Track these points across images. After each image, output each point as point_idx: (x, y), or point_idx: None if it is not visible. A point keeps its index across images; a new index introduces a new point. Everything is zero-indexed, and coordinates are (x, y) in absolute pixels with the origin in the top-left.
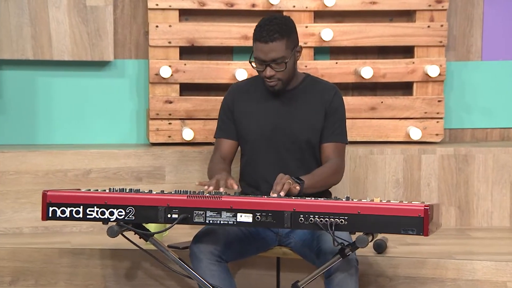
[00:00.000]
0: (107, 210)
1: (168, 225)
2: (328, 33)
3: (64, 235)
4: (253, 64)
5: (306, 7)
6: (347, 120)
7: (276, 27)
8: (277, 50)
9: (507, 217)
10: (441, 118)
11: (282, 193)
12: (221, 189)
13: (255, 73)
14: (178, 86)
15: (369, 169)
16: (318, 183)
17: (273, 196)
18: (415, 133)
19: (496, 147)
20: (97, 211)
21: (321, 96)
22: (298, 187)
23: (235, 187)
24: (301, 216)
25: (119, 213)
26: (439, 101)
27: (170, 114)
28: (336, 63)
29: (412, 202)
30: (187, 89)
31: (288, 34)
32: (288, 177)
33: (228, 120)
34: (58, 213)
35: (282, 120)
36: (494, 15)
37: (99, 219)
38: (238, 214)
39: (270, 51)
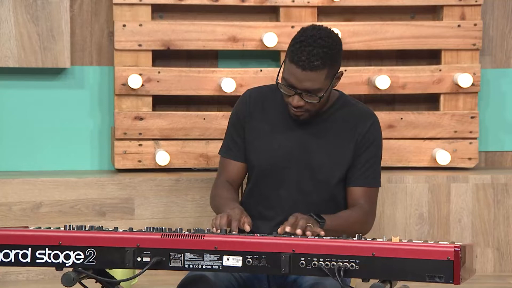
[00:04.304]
0: (61, 253)
1: (138, 271)
2: None
3: (7, 285)
4: (280, 86)
5: (308, 2)
6: None
7: (320, 51)
8: (314, 80)
9: None
10: (474, 138)
11: (298, 231)
12: (234, 231)
13: (247, 80)
14: (150, 99)
15: (386, 201)
16: (340, 227)
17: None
18: (443, 157)
19: None
20: (49, 254)
21: (355, 125)
22: (319, 231)
23: (247, 228)
24: (302, 259)
25: (77, 257)
26: (472, 117)
27: (140, 134)
28: (345, 70)
29: (440, 242)
30: (162, 102)
31: (332, 62)
32: (307, 218)
33: (238, 137)
34: (0, 256)
35: (300, 150)
36: None
37: (51, 264)
38: (225, 257)
39: (305, 80)
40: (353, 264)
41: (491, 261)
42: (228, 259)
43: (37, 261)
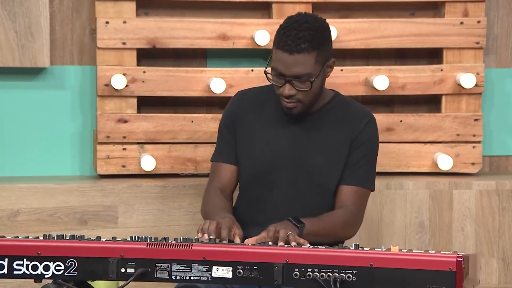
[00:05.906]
0: (40, 264)
1: (121, 283)
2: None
3: None
4: (269, 76)
5: None
6: None
7: (306, 34)
8: (304, 64)
9: None
10: (478, 142)
11: (281, 244)
12: (224, 240)
13: (238, 81)
14: (135, 101)
15: (384, 208)
16: (323, 231)
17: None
18: (445, 162)
19: None
20: (27, 265)
21: (350, 124)
22: (302, 241)
23: (238, 240)
24: (296, 269)
25: (57, 268)
26: (475, 120)
27: (124, 137)
28: (341, 70)
29: (441, 252)
30: (147, 104)
31: (321, 44)
32: (285, 225)
33: (231, 138)
34: None
35: (294, 151)
36: None
37: (30, 276)
38: (214, 268)
39: (294, 65)
40: (350, 275)
41: (495, 272)
42: (217, 270)
43: (15, 272)
